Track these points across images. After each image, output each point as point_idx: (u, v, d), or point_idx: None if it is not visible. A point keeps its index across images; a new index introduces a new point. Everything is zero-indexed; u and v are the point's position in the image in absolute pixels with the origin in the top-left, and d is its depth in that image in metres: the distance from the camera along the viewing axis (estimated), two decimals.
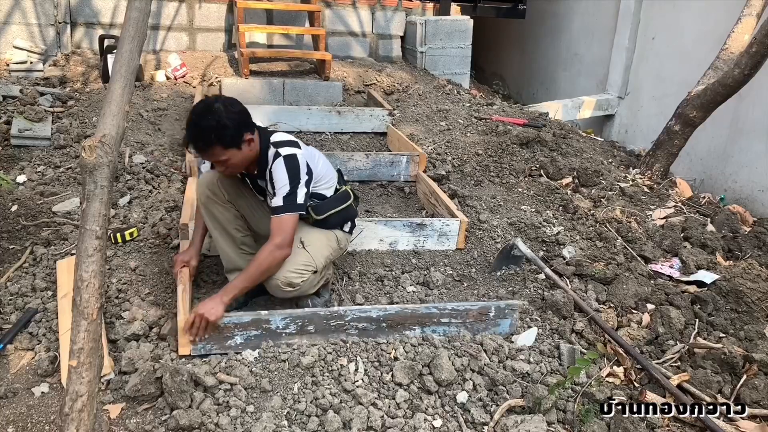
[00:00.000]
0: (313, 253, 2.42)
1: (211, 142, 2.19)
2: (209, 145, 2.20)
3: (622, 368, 2.43)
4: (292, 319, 2.31)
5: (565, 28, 7.64)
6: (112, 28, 5.40)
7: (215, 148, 2.21)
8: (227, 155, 2.23)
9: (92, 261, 1.61)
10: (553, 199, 3.81)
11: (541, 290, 2.87)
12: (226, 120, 2.19)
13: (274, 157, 2.30)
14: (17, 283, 2.62)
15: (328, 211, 2.51)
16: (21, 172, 3.57)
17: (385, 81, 5.69)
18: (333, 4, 6.19)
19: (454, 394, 2.22)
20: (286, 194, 2.26)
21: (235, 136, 2.21)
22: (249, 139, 2.26)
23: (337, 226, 2.58)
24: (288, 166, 2.28)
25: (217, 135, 2.18)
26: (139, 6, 1.84)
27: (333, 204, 2.54)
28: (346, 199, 2.59)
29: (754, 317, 2.74)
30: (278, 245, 2.25)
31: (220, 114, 2.18)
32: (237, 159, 2.27)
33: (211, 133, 2.17)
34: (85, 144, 1.60)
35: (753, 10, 4.19)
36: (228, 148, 2.22)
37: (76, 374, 1.56)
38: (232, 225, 2.52)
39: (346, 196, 2.60)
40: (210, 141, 2.19)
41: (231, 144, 2.21)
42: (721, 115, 4.53)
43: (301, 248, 2.40)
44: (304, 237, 2.44)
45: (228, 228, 2.51)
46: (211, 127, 2.17)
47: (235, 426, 1.99)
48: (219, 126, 2.17)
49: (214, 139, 2.18)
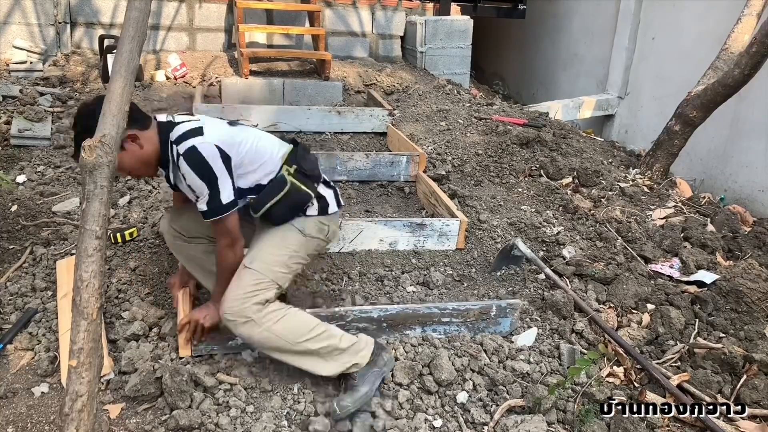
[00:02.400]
0: (260, 267, 2.05)
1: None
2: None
3: (622, 368, 2.43)
4: None
5: (565, 29, 7.63)
6: (112, 28, 5.40)
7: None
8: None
9: (92, 261, 1.61)
10: (553, 199, 3.80)
11: (541, 290, 2.86)
12: (91, 121, 1.74)
13: (177, 158, 1.97)
14: (17, 283, 2.62)
15: (263, 205, 2.10)
16: (21, 172, 3.57)
17: (385, 81, 5.69)
18: (333, 3, 6.18)
19: (454, 394, 2.22)
20: (208, 198, 1.98)
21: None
22: (130, 136, 1.95)
23: (290, 218, 2.16)
24: (192, 163, 1.94)
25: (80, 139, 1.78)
26: (139, 6, 1.84)
27: (268, 195, 2.10)
28: (283, 184, 2.11)
29: (754, 317, 2.74)
30: (225, 244, 2.06)
31: (84, 117, 1.90)
32: (126, 161, 1.97)
33: (79, 138, 1.86)
34: (85, 144, 1.60)
35: (753, 10, 4.18)
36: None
37: (76, 374, 1.56)
38: (205, 259, 2.34)
39: (282, 181, 2.12)
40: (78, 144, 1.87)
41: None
42: (721, 115, 4.52)
43: (243, 267, 2.06)
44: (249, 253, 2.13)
45: (202, 263, 2.35)
46: (79, 133, 1.92)
47: (235, 426, 1.99)
48: (85, 130, 1.79)
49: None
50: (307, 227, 2.18)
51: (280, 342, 2.02)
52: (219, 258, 2.10)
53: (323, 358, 2.07)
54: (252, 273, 2.03)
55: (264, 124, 4.43)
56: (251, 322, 1.97)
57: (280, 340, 2.02)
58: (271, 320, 1.99)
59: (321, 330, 2.07)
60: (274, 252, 2.10)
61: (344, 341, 2.10)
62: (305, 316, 2.10)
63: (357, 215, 3.47)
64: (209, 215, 2.01)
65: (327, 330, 2.09)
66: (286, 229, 2.16)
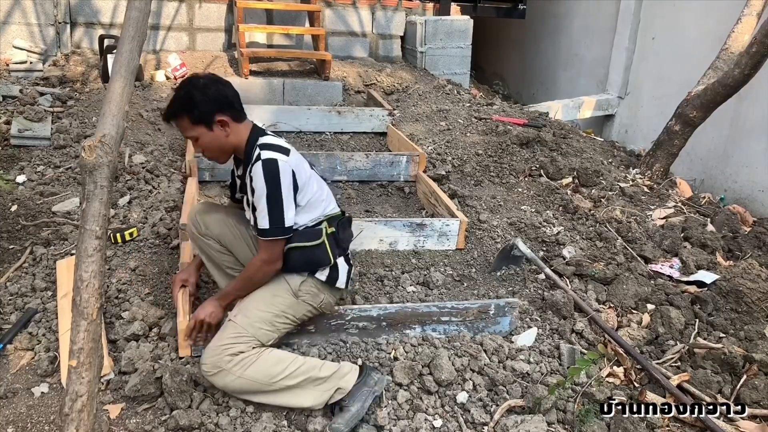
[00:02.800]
0: (243, 322, 2.04)
1: (178, 112, 2.09)
2: (176, 114, 2.10)
3: (622, 368, 2.43)
4: None
5: (565, 29, 7.63)
6: (112, 28, 5.39)
7: (183, 120, 2.09)
8: (196, 132, 2.10)
9: (92, 261, 1.61)
10: (553, 199, 3.80)
11: (541, 290, 2.86)
12: (197, 93, 2.06)
13: (255, 159, 2.07)
14: (17, 283, 2.62)
15: (288, 243, 2.12)
16: (21, 172, 3.57)
17: (385, 81, 5.69)
18: (333, 3, 6.18)
19: (454, 394, 2.22)
20: (268, 216, 2.03)
21: (205, 113, 2.07)
22: (221, 121, 2.09)
23: (299, 269, 2.16)
24: (266, 171, 2.03)
25: (184, 106, 2.07)
26: (139, 6, 1.84)
27: (298, 237, 2.13)
28: (317, 236, 2.15)
29: (754, 317, 2.74)
30: (266, 261, 2.10)
31: (194, 87, 2.08)
32: (207, 140, 2.12)
33: (179, 102, 2.08)
34: (85, 144, 1.60)
35: (753, 10, 4.19)
36: (196, 125, 2.09)
37: (76, 374, 1.56)
38: (217, 256, 2.37)
39: (318, 233, 2.16)
40: (176, 110, 2.09)
41: (199, 120, 2.08)
42: (721, 115, 4.53)
43: (227, 319, 2.08)
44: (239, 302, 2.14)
45: (214, 258, 2.37)
46: (180, 97, 2.08)
47: (235, 426, 1.99)
48: (188, 97, 2.06)
49: (181, 109, 2.08)
50: (304, 289, 2.16)
51: (255, 386, 2.00)
52: (251, 269, 2.13)
53: (303, 389, 2.05)
54: (234, 326, 2.03)
55: (264, 124, 4.43)
56: (223, 371, 1.97)
57: (255, 384, 2.00)
58: (243, 366, 1.98)
59: (297, 365, 2.05)
60: (260, 308, 2.09)
61: (324, 370, 2.07)
62: (279, 355, 2.08)
63: (357, 215, 3.47)
64: (268, 234, 2.05)
65: (304, 363, 2.06)
66: (279, 286, 2.15)
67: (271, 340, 2.09)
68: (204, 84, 2.09)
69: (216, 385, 2.01)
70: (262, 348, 2.05)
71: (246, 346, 2.00)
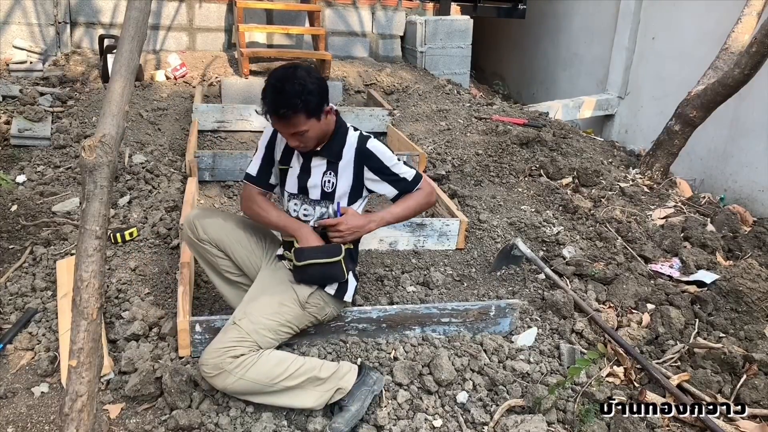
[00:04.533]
0: (247, 327, 2.02)
1: (296, 108, 1.98)
2: (294, 111, 1.98)
3: (622, 368, 2.43)
4: None
5: (565, 28, 7.63)
6: (112, 28, 5.40)
7: (299, 116, 2.00)
8: (308, 125, 2.04)
9: (92, 261, 1.61)
10: (553, 199, 3.81)
11: (541, 290, 2.86)
12: (311, 85, 1.99)
13: (365, 140, 2.19)
14: (17, 283, 2.62)
15: (309, 259, 2.12)
16: (21, 172, 3.57)
17: (385, 81, 5.69)
18: (333, 3, 6.18)
19: (454, 394, 2.22)
20: (409, 166, 2.29)
21: (319, 104, 2.03)
22: (328, 110, 2.10)
23: (312, 283, 2.17)
24: (381, 143, 2.24)
25: (303, 101, 1.97)
26: (139, 6, 1.84)
27: (320, 254, 2.13)
28: (337, 253, 2.15)
29: (754, 317, 2.74)
30: (430, 192, 2.30)
31: (304, 79, 2.00)
32: (315, 131, 2.08)
33: (297, 98, 1.97)
34: (85, 144, 1.60)
35: (753, 10, 4.19)
36: (310, 118, 2.03)
37: (76, 374, 1.56)
38: (216, 261, 2.33)
39: (338, 250, 2.16)
40: (295, 106, 1.98)
41: (314, 113, 2.03)
42: (721, 115, 4.53)
43: (231, 322, 2.05)
44: (245, 305, 2.12)
45: (212, 263, 2.34)
46: (296, 92, 1.97)
47: (235, 426, 1.99)
48: (304, 91, 1.97)
49: (300, 105, 1.98)
50: (312, 301, 2.16)
51: (256, 387, 1.99)
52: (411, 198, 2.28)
53: (304, 390, 2.04)
54: (238, 330, 2.01)
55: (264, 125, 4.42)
56: (224, 372, 1.95)
57: (257, 385, 1.99)
58: (244, 368, 1.96)
59: (297, 366, 2.03)
60: (266, 315, 2.07)
61: (324, 371, 2.06)
62: (279, 356, 2.06)
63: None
64: (417, 179, 2.27)
65: (304, 364, 2.05)
66: (287, 295, 2.14)
67: (271, 347, 2.09)
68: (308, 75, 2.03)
69: (216, 386, 2.01)
70: (261, 350, 2.05)
71: (247, 350, 2.00)
